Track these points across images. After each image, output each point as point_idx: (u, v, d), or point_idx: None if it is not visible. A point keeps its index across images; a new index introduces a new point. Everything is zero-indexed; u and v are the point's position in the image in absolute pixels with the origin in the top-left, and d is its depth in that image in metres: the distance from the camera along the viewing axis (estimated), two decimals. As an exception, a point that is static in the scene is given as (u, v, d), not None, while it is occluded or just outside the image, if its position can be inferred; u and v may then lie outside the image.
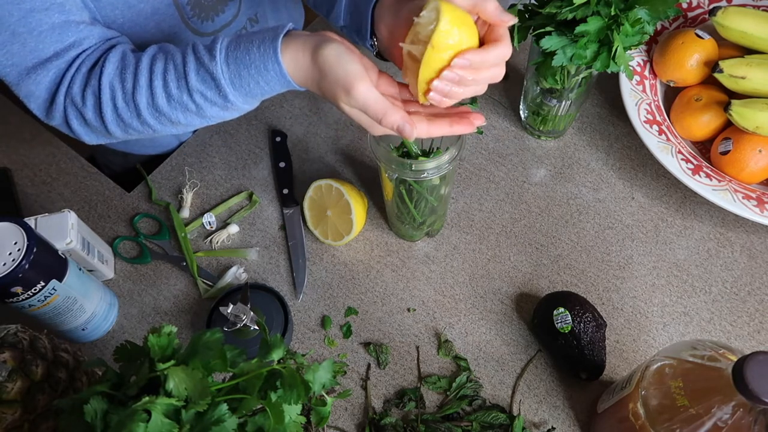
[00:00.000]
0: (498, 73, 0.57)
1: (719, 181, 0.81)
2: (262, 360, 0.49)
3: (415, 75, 0.56)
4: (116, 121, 0.66)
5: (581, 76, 0.78)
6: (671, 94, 0.90)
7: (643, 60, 0.92)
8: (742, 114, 0.79)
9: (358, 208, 0.81)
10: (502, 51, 0.55)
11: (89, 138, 0.70)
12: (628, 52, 0.72)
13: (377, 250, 0.85)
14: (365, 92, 0.55)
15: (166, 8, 0.77)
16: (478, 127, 0.89)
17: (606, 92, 0.96)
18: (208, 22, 0.83)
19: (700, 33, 0.86)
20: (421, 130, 0.58)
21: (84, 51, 0.67)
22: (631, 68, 0.77)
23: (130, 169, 0.99)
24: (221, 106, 0.63)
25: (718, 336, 0.77)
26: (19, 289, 0.64)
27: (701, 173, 0.81)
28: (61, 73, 0.66)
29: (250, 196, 0.89)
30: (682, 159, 0.82)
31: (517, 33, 0.75)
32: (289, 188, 0.89)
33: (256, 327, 0.74)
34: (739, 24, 0.84)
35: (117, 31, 0.72)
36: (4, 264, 0.63)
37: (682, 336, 0.77)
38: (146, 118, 0.65)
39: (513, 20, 0.55)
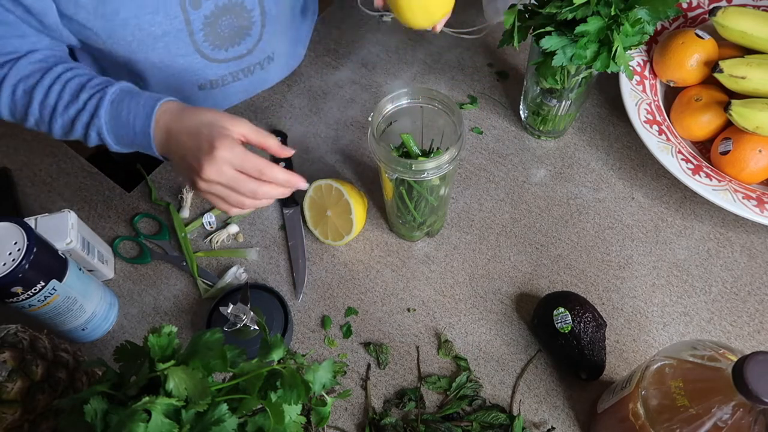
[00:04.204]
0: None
1: (719, 181, 0.81)
2: (262, 360, 0.49)
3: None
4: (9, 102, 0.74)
5: (581, 76, 0.78)
6: (671, 94, 0.90)
7: (643, 60, 0.92)
8: (742, 114, 0.79)
9: (358, 208, 0.81)
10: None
11: None
12: (628, 52, 0.72)
13: (377, 250, 0.85)
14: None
15: (177, 32, 0.78)
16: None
17: (606, 92, 0.96)
18: (221, 50, 0.84)
19: (700, 33, 0.86)
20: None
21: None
22: (631, 68, 0.77)
23: (128, 161, 1.00)
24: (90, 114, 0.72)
25: (718, 336, 0.77)
26: (19, 289, 0.64)
27: (701, 173, 0.81)
28: None
29: (250, 196, 0.89)
30: (682, 159, 0.82)
31: (517, 33, 0.75)
32: (289, 188, 0.89)
33: (256, 327, 0.74)
34: (739, 24, 0.84)
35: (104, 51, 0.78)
36: (4, 264, 0.63)
37: (682, 336, 0.77)
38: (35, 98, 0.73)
39: None
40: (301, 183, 0.69)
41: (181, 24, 0.77)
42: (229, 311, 0.73)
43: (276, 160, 0.91)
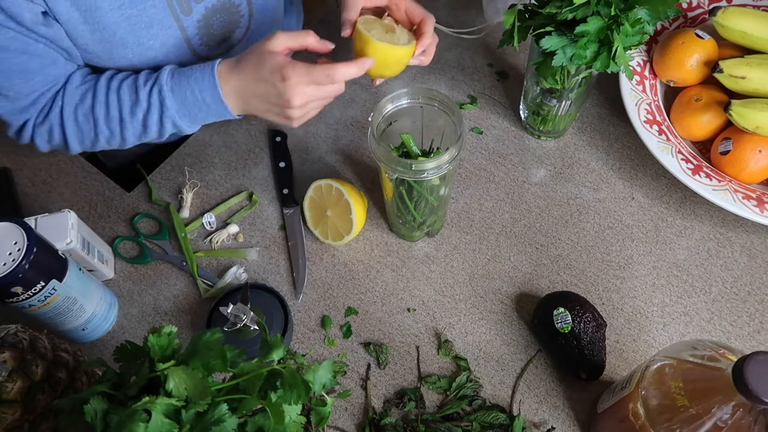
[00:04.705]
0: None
1: (719, 181, 0.81)
2: (262, 360, 0.49)
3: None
4: (77, 134, 0.76)
5: (581, 76, 0.78)
6: (671, 94, 0.90)
7: (643, 60, 0.92)
8: (742, 114, 0.79)
9: (358, 208, 0.81)
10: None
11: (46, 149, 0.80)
12: (628, 52, 0.72)
13: (377, 250, 0.85)
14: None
15: (175, 41, 0.79)
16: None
17: (606, 92, 0.96)
18: (214, 48, 0.86)
19: (700, 33, 0.86)
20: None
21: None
22: (631, 68, 0.77)
23: (129, 162, 1.00)
24: (158, 110, 0.74)
25: (718, 336, 0.77)
26: (19, 289, 0.64)
27: (701, 173, 0.81)
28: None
29: (250, 196, 0.90)
30: (682, 159, 0.82)
31: (517, 33, 0.75)
32: (289, 188, 0.89)
33: (256, 327, 0.74)
34: (739, 24, 0.84)
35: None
36: (4, 264, 0.63)
37: (682, 336, 0.77)
38: (102, 128, 0.75)
39: None
40: (367, 63, 0.72)
41: (177, 32, 0.78)
42: (229, 311, 0.73)
43: (277, 158, 0.91)
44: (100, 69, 0.79)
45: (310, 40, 0.73)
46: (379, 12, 0.78)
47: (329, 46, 0.75)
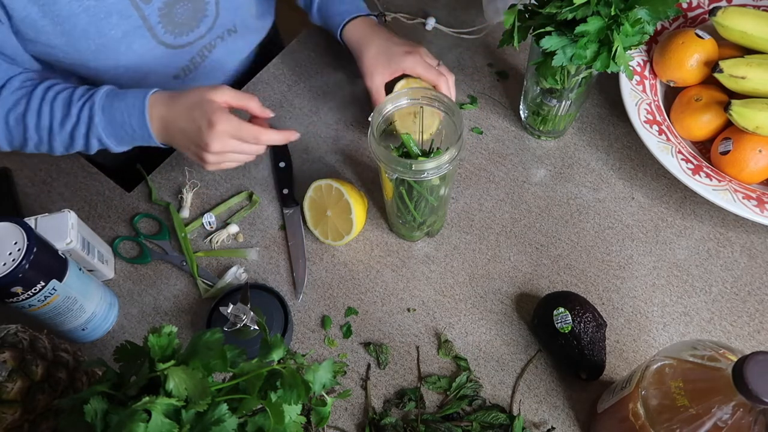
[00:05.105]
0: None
1: (719, 181, 0.81)
2: (262, 360, 0.49)
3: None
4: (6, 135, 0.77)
5: (581, 76, 0.78)
6: (671, 94, 0.90)
7: (643, 60, 0.92)
8: (742, 114, 0.79)
9: (358, 208, 0.81)
10: None
11: None
12: (628, 52, 0.72)
13: (377, 250, 0.85)
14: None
15: (136, 30, 0.79)
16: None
17: (606, 92, 0.96)
18: (182, 36, 0.85)
19: (700, 33, 0.86)
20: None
21: None
22: (631, 68, 0.77)
23: (130, 162, 1.00)
24: (87, 126, 0.75)
25: (718, 336, 0.77)
26: (19, 289, 0.64)
27: (701, 173, 0.81)
28: None
29: (250, 196, 0.90)
30: (682, 159, 0.82)
31: (517, 33, 0.75)
32: (289, 188, 0.89)
33: (256, 327, 0.74)
34: (739, 24, 0.84)
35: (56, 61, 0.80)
36: (4, 264, 0.63)
37: (682, 336, 0.77)
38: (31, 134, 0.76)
39: None
40: (293, 135, 0.78)
41: (138, 21, 0.78)
42: (229, 311, 0.73)
43: (277, 158, 0.91)
44: (68, 69, 0.79)
45: (253, 104, 0.76)
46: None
47: (268, 114, 0.78)
